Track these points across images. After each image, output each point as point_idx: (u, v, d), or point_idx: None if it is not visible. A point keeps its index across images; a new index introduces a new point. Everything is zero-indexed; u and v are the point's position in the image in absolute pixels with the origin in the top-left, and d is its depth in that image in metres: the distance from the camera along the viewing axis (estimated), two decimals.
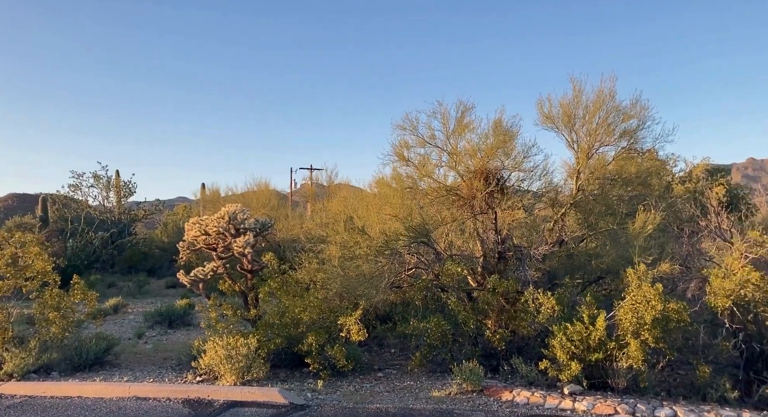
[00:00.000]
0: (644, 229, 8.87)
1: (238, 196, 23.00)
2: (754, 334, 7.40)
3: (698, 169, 14.47)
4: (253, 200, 20.55)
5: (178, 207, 37.02)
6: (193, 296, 16.74)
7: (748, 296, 7.36)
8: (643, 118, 9.19)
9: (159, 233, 31.06)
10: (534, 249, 9.28)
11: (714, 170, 14.67)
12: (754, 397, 6.96)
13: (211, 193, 26.33)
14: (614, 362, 7.27)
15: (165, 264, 27.53)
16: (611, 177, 9.74)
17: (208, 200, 25.39)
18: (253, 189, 22.70)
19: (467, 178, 9.71)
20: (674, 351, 7.44)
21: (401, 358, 9.71)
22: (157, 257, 28.92)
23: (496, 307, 8.83)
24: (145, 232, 32.70)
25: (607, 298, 8.63)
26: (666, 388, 7.46)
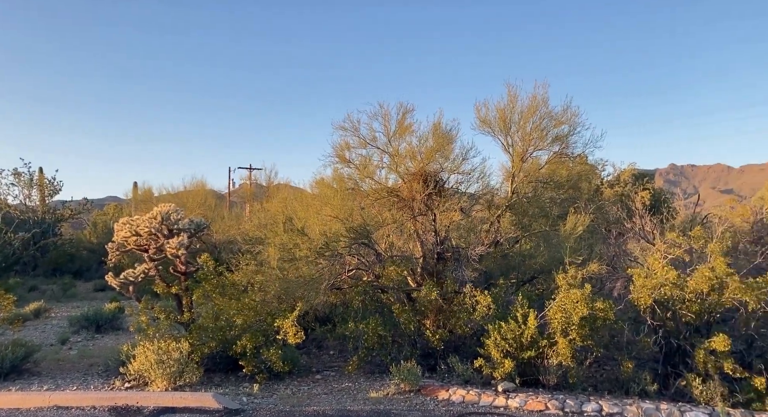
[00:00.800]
0: (574, 231, 9.25)
1: (173, 196, 22.25)
2: (672, 331, 7.85)
3: (625, 173, 15.28)
4: (189, 200, 19.94)
5: (108, 206, 35.30)
6: (123, 299, 16.01)
7: (667, 294, 7.81)
8: (573, 124, 9.60)
9: (87, 234, 29.51)
10: (471, 250, 9.48)
11: (639, 175, 15.54)
12: (671, 390, 7.40)
13: (143, 193, 25.35)
14: (545, 360, 7.54)
15: (93, 266, 26.19)
16: (544, 180, 10.10)
17: (140, 200, 24.42)
18: (189, 188, 22.02)
19: (407, 179, 9.79)
20: (601, 348, 7.80)
21: (340, 360, 9.67)
22: (85, 259, 27.48)
23: (435, 307, 8.96)
24: (72, 233, 30.93)
25: (539, 298, 8.94)
26: (593, 383, 7.80)
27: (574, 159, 11.63)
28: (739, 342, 7.75)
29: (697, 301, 7.66)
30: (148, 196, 24.34)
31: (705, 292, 7.54)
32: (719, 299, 7.51)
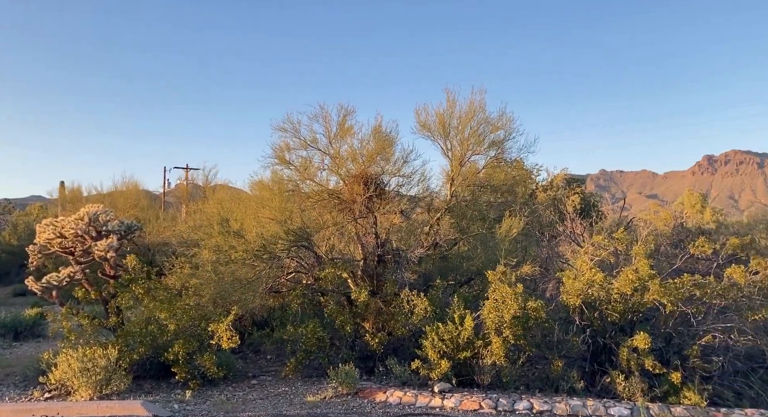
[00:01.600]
0: (509, 234, 9.52)
1: (104, 196, 21.20)
2: (599, 330, 8.22)
3: (558, 178, 15.91)
4: (121, 200, 19.08)
5: (31, 207, 33.29)
6: (46, 305, 15.11)
7: (594, 295, 8.17)
8: (509, 130, 9.91)
9: (7, 235, 27.66)
10: (411, 252, 9.59)
11: (571, 180, 16.21)
12: (597, 387, 7.74)
13: (71, 192, 23.99)
14: (480, 360, 7.71)
15: (13, 269, 24.59)
16: (482, 184, 10.36)
17: (67, 200, 23.11)
18: (122, 188, 21.08)
19: (349, 182, 9.79)
20: (533, 347, 8.06)
21: (277, 364, 9.52)
22: (4, 262, 25.76)
23: (374, 309, 8.99)
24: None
25: (476, 299, 9.15)
26: (525, 382, 8.04)
27: (511, 164, 12.00)
28: (659, 340, 8.19)
29: (621, 302, 8.04)
30: (76, 196, 23.06)
31: (629, 293, 7.93)
32: (642, 299, 7.91)
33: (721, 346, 7.72)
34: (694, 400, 6.88)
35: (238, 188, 17.08)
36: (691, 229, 15.45)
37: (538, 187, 15.80)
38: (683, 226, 15.72)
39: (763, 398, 7.22)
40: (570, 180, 16.10)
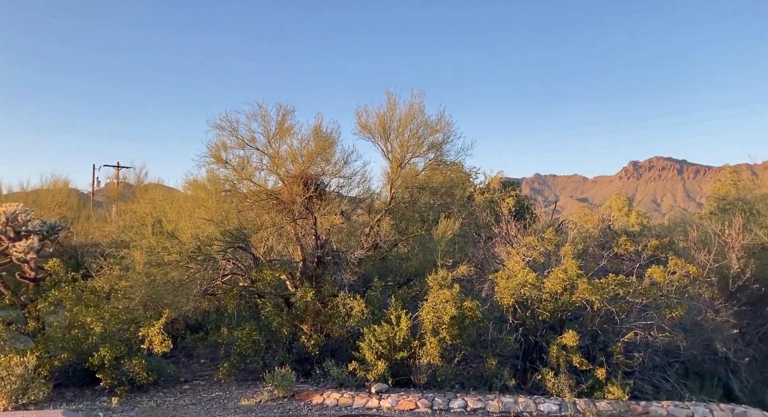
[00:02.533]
0: (446, 235, 9.69)
1: (28, 194, 19.94)
2: (531, 328, 8.51)
3: (494, 181, 16.37)
4: (47, 199, 18.04)
5: None
6: None
7: (527, 294, 8.45)
8: (447, 133, 10.08)
9: None
10: (351, 253, 9.58)
11: (507, 183, 16.71)
12: (529, 384, 8.01)
13: None
14: (417, 360, 7.82)
15: None
16: (421, 186, 10.48)
17: None
18: (48, 187, 19.91)
19: (288, 182, 9.67)
20: (469, 346, 8.25)
21: (212, 368, 9.27)
22: None
23: (313, 311, 8.92)
24: None
25: (414, 299, 9.26)
26: (461, 380, 8.22)
27: (450, 166, 12.22)
28: (586, 337, 8.57)
29: (552, 301, 8.36)
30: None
31: (559, 293, 8.26)
32: (570, 299, 8.25)
33: (642, 343, 8.17)
34: (617, 395, 7.23)
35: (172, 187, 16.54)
36: (618, 231, 16.28)
37: (476, 189, 16.18)
38: (610, 229, 16.55)
39: (678, 391, 7.70)
40: (506, 183, 16.59)
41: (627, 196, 21.79)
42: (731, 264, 8.76)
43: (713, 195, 14.59)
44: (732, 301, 8.74)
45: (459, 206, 13.19)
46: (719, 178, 16.15)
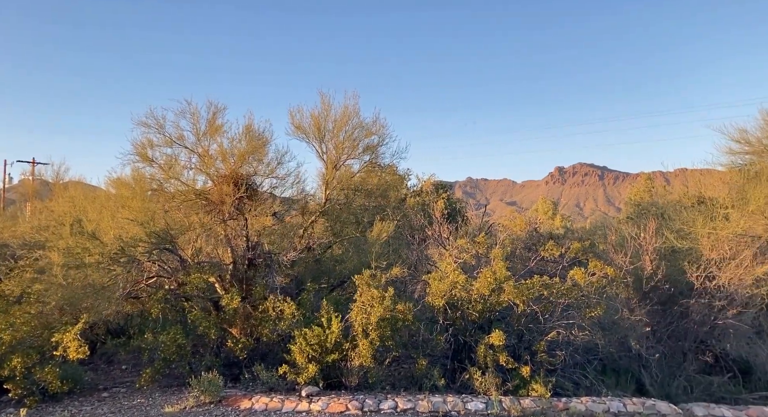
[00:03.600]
0: (380, 237, 9.76)
1: None
2: (461, 328, 8.71)
3: (427, 184, 16.66)
4: None
5: None
6: None
7: (457, 296, 8.65)
8: (382, 135, 10.17)
9: None
10: (283, 255, 9.45)
11: (439, 186, 17.06)
12: (458, 383, 8.19)
13: None
14: (348, 362, 7.81)
15: None
16: (356, 188, 10.50)
17: None
18: None
19: (218, 182, 9.41)
20: (400, 347, 8.34)
21: (134, 375, 8.87)
22: None
23: (243, 314, 8.73)
24: None
25: (347, 301, 9.24)
26: (392, 381, 8.29)
27: (385, 169, 12.31)
28: (513, 336, 8.87)
29: (481, 302, 8.59)
30: None
31: (487, 294, 8.51)
32: (498, 299, 8.52)
33: (564, 341, 8.55)
34: (541, 392, 7.53)
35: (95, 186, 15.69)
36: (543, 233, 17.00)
37: (409, 191, 16.41)
38: (537, 231, 17.25)
39: (596, 387, 8.12)
40: (438, 186, 16.93)
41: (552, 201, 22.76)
42: (645, 266, 9.33)
43: (630, 200, 15.50)
44: (645, 300, 9.31)
45: (393, 208, 13.33)
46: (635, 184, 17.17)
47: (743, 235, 8.61)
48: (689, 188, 12.30)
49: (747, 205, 8.73)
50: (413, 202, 15.69)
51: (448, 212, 14.72)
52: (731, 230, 8.67)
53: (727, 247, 8.65)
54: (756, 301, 8.31)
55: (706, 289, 8.68)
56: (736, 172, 9.69)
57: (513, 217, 15.71)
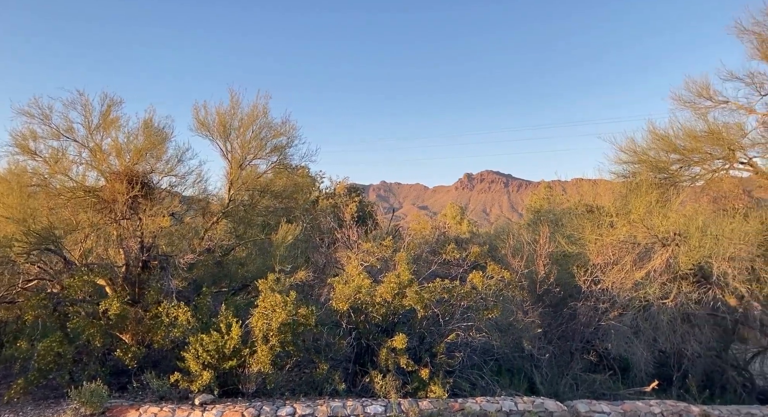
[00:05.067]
0: (286, 239, 9.58)
1: None
2: (364, 332, 8.73)
3: (340, 187, 16.61)
4: None
5: None
6: None
7: (362, 299, 8.66)
8: (291, 137, 10.01)
9: None
10: (181, 257, 9.01)
11: (352, 189, 17.06)
12: (359, 387, 8.20)
13: None
14: (247, 368, 7.58)
15: None
16: (262, 189, 10.24)
17: None
18: None
19: (110, 179, 8.83)
20: (302, 352, 8.20)
21: (4, 387, 8.08)
22: None
23: (134, 319, 8.24)
24: None
25: (249, 306, 8.97)
26: (292, 387, 8.14)
27: (297, 170, 12.13)
28: (415, 339, 9.02)
29: (384, 305, 8.66)
30: None
31: (391, 297, 8.58)
32: (401, 303, 8.63)
33: (463, 343, 8.81)
34: (438, 393, 7.71)
35: None
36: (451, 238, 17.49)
37: (321, 194, 16.28)
38: (445, 235, 17.72)
39: (491, 387, 8.43)
40: (351, 189, 16.93)
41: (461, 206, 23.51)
42: (538, 270, 9.84)
43: (530, 207, 16.31)
44: (539, 303, 9.82)
45: (303, 211, 13.16)
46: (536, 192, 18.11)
47: (625, 241, 9.30)
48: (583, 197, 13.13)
49: (629, 213, 9.44)
50: (325, 205, 15.56)
51: (359, 215, 14.74)
52: (615, 237, 9.34)
53: (611, 252, 9.31)
54: (635, 304, 8.99)
55: (592, 292, 9.30)
56: (621, 183, 10.47)
57: (419, 220, 16.05)
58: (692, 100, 9.83)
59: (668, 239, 8.87)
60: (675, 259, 8.85)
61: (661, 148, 9.96)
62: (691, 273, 8.88)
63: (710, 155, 9.58)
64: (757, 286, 8.51)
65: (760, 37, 8.97)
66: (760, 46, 9.02)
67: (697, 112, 9.77)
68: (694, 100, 9.80)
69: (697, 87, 9.73)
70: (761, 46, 9.00)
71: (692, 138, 9.62)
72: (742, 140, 9.36)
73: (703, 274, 8.90)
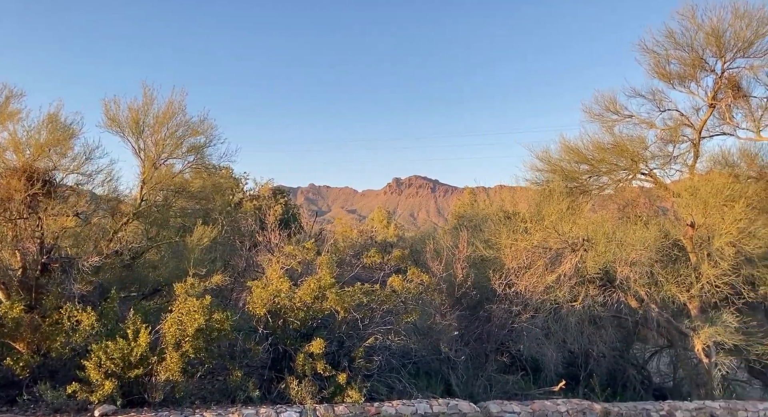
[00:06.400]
0: (201, 242, 9.25)
1: None
2: (282, 337, 8.55)
3: (265, 188, 16.30)
4: None
5: None
6: None
7: (281, 303, 8.49)
8: (210, 136, 9.69)
9: None
10: (86, 260, 8.48)
11: (278, 191, 16.79)
12: (274, 394, 8.02)
13: None
14: (154, 376, 7.23)
15: None
16: (177, 189, 9.84)
17: None
18: None
19: (7, 175, 8.19)
20: (216, 358, 7.92)
21: None
22: None
23: (30, 326, 7.66)
24: None
25: (160, 311, 8.57)
26: (203, 395, 7.82)
27: (219, 171, 11.76)
28: (334, 344, 8.95)
29: (303, 309, 8.53)
30: None
31: (311, 301, 8.47)
32: (321, 307, 8.53)
33: (382, 346, 8.83)
34: (355, 398, 7.67)
35: None
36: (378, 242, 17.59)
37: (246, 196, 15.91)
38: (372, 239, 17.79)
39: (408, 390, 8.50)
40: (276, 191, 16.67)
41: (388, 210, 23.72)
42: (457, 273, 10.06)
43: (454, 212, 16.69)
44: (457, 306, 10.03)
45: (224, 213, 12.79)
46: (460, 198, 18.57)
47: (538, 246, 9.68)
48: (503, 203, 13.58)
49: (543, 220, 9.85)
50: (249, 207, 15.21)
51: (283, 218, 14.52)
52: (529, 242, 9.71)
53: (525, 257, 9.66)
54: (546, 306, 9.38)
55: (506, 295, 9.61)
56: (536, 191, 10.93)
57: (342, 224, 16.03)
58: (601, 113, 10.44)
59: (577, 244, 9.33)
60: (583, 264, 9.32)
61: (572, 159, 10.49)
62: (597, 277, 9.38)
63: (616, 166, 10.19)
64: (655, 290, 9.10)
65: (656, 58, 9.66)
66: (656, 66, 9.71)
67: (605, 125, 10.40)
68: (603, 114, 10.41)
69: (605, 101, 10.36)
70: (657, 66, 9.69)
71: (600, 150, 10.20)
72: (644, 153, 10.04)
73: (608, 278, 9.42)
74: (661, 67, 9.61)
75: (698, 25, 9.26)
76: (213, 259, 10.10)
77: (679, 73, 9.74)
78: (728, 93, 9.27)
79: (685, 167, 10.12)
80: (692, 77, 9.68)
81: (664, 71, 9.64)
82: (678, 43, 9.45)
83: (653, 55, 9.64)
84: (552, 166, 10.78)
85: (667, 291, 8.97)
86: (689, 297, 8.95)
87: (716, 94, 9.49)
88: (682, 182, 9.98)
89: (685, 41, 9.40)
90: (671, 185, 10.20)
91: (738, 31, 8.87)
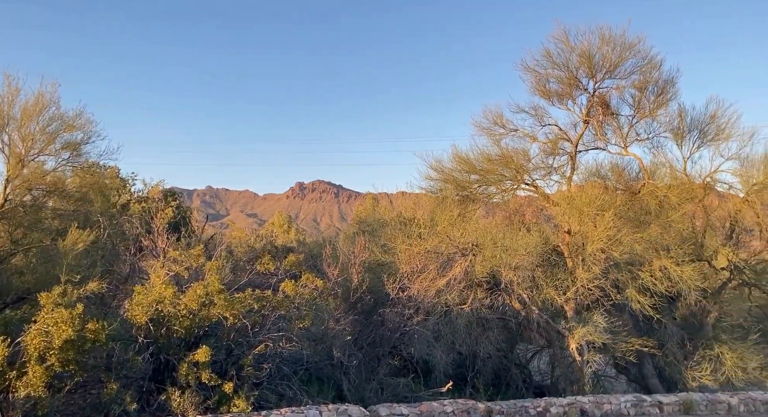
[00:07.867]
0: (76, 246, 8.56)
1: None
2: (164, 346, 8.09)
3: (155, 190, 15.40)
4: None
5: None
6: None
7: (165, 311, 8.03)
8: (88, 132, 9.02)
9: None
10: None
11: (169, 193, 15.93)
12: (154, 406, 7.56)
13: None
14: (12, 393, 6.55)
15: None
16: (49, 189, 9.05)
17: None
18: None
19: None
20: (88, 370, 7.33)
21: None
22: None
23: None
24: None
25: (24, 321, 7.79)
26: (73, 410, 7.24)
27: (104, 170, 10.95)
28: (222, 352, 8.61)
29: (189, 317, 8.12)
30: None
31: (196, 309, 8.08)
32: (208, 314, 8.17)
33: (272, 353, 8.62)
34: (242, 407, 7.41)
35: None
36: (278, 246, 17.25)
37: (133, 197, 14.94)
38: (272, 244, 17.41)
39: (299, 397, 8.36)
40: (167, 193, 15.82)
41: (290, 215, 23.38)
42: (353, 278, 10.08)
43: (355, 217, 16.77)
44: (352, 310, 10.04)
45: (108, 215, 11.93)
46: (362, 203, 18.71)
47: (431, 251, 9.95)
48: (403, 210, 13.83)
49: (436, 226, 10.14)
50: (137, 209, 14.29)
51: (174, 222, 13.79)
52: (423, 247, 9.95)
53: (418, 261, 9.89)
54: (437, 310, 9.64)
55: (399, 299, 9.77)
56: (430, 198, 11.25)
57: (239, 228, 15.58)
58: (489, 127, 10.99)
59: (467, 249, 9.70)
60: (472, 268, 9.70)
61: (463, 169, 10.92)
62: (484, 281, 9.80)
63: (503, 176, 10.75)
64: (537, 293, 9.66)
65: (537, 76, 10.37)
66: (537, 84, 10.41)
67: (493, 138, 10.95)
68: (491, 127, 10.97)
69: (493, 115, 10.93)
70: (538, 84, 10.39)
71: (488, 161, 10.70)
72: (527, 164, 10.68)
73: (495, 282, 9.87)
74: (542, 86, 10.33)
75: (572, 47, 10.10)
76: (91, 264, 9.36)
77: (558, 91, 10.53)
78: (599, 110, 10.16)
79: (564, 178, 10.90)
80: (569, 95, 10.48)
81: (545, 89, 10.38)
82: (555, 63, 10.25)
83: (534, 73, 10.36)
84: (445, 175, 11.15)
85: (547, 294, 9.56)
86: (566, 299, 9.60)
87: (589, 111, 10.36)
88: (561, 192, 10.72)
89: (561, 61, 10.22)
90: (552, 195, 10.92)
91: (605, 55, 9.79)
